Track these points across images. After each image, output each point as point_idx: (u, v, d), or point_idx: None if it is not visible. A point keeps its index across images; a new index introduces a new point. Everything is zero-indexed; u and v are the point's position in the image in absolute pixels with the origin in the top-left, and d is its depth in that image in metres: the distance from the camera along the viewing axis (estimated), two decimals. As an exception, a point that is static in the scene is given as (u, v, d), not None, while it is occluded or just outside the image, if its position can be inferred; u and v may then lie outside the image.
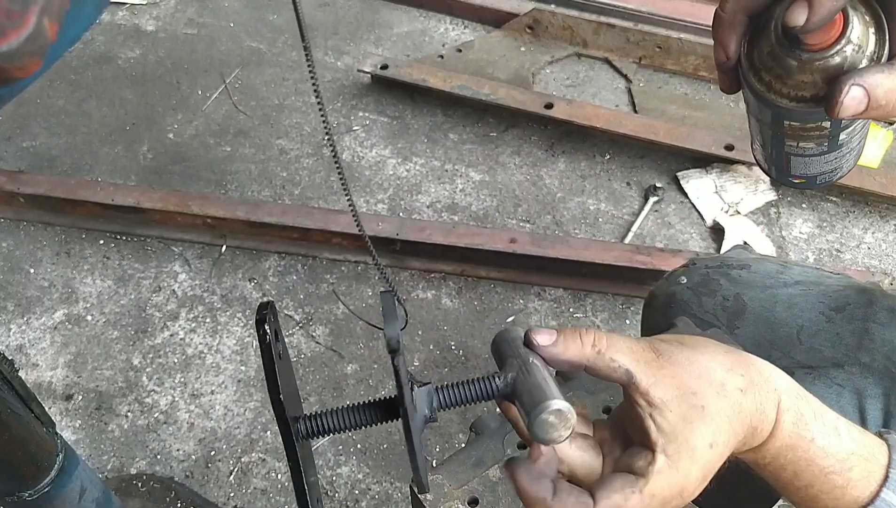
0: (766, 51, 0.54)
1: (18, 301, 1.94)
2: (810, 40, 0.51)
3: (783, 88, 0.54)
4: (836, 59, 0.52)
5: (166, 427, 1.73)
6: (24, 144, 2.27)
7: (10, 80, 0.23)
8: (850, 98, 0.51)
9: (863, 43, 0.52)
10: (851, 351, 0.96)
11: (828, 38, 0.51)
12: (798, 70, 0.53)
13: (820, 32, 0.51)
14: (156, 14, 2.67)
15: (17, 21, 0.23)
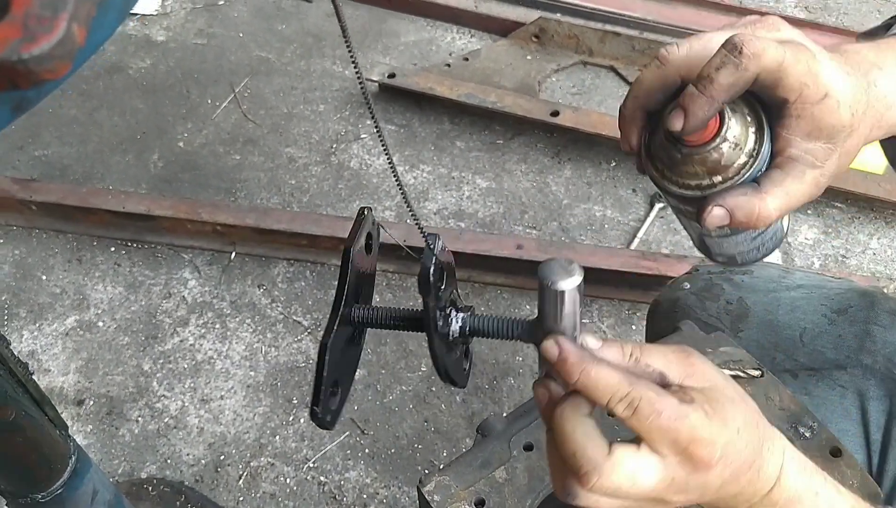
0: (658, 144, 0.60)
1: (31, 308, 1.96)
2: (689, 139, 0.57)
3: (673, 177, 0.60)
4: (714, 154, 0.58)
5: (176, 432, 1.75)
6: (36, 152, 2.30)
7: (40, 82, 0.25)
8: (712, 216, 0.59)
9: (740, 141, 0.58)
10: (853, 353, 0.97)
11: (704, 137, 0.57)
12: (682, 163, 0.59)
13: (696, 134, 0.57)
14: (166, 24, 2.70)
15: (48, 26, 0.24)
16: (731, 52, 0.56)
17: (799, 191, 0.60)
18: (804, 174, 0.59)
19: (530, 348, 1.88)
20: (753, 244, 0.69)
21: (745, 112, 0.59)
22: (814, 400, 0.96)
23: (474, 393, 1.80)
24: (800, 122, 0.58)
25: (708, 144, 0.57)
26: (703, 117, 0.56)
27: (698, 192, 0.59)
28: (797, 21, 2.54)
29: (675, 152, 0.59)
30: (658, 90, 0.61)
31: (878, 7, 2.79)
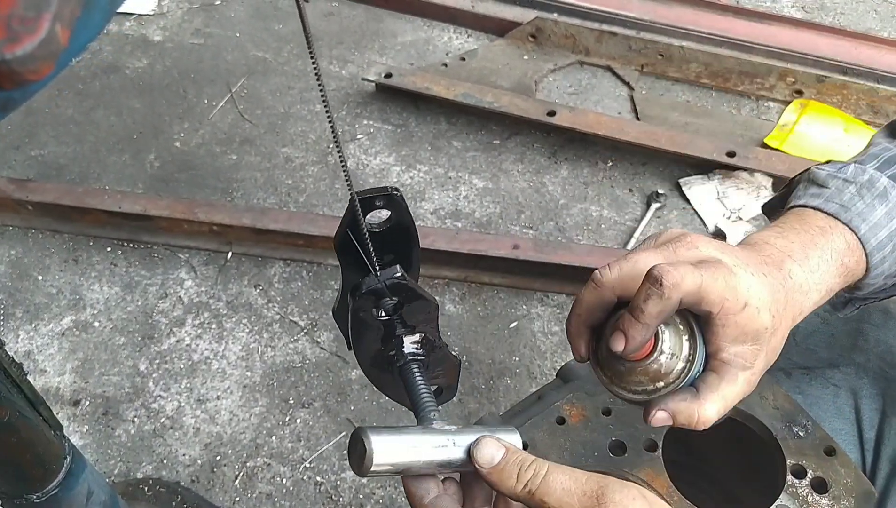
0: (604, 356, 0.68)
1: (27, 308, 1.96)
2: (629, 358, 0.65)
3: (620, 384, 0.67)
4: (654, 366, 0.65)
5: (172, 433, 1.75)
6: (32, 152, 2.30)
7: (24, 83, 0.25)
8: (656, 419, 0.65)
9: (676, 351, 0.65)
10: (846, 352, 0.98)
11: (642, 354, 0.65)
12: (627, 374, 0.66)
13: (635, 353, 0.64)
14: (163, 24, 2.70)
15: (31, 26, 0.24)
16: (653, 285, 0.62)
17: (733, 392, 0.66)
18: (737, 377, 0.66)
19: (527, 347, 1.88)
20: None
21: (678, 323, 0.66)
22: (807, 399, 0.97)
23: (471, 393, 1.80)
24: (726, 330, 0.64)
25: (647, 359, 0.65)
26: (640, 340, 0.63)
27: (644, 396, 0.66)
28: (794, 21, 2.54)
29: (620, 366, 0.66)
30: (597, 309, 0.68)
31: (875, 7, 2.79)
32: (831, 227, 0.74)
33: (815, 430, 0.87)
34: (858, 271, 0.75)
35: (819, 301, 0.73)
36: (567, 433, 0.88)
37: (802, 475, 0.84)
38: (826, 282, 0.72)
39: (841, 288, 0.75)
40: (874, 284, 0.78)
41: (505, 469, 0.59)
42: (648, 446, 0.87)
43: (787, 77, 2.40)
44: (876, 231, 0.74)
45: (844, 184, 0.76)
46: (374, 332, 0.69)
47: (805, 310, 0.71)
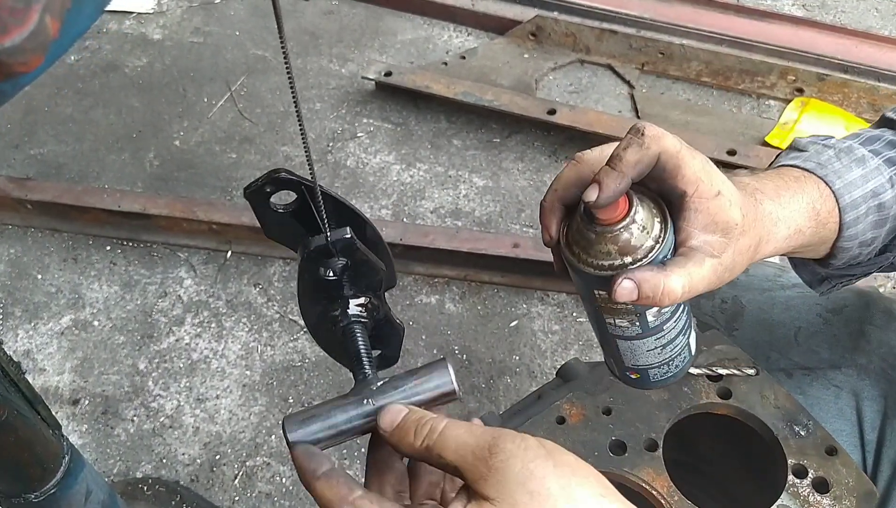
0: (575, 230, 0.67)
1: (26, 307, 1.95)
2: (602, 216, 0.63)
3: (587, 258, 0.66)
4: (624, 233, 0.64)
5: (172, 432, 1.74)
6: (31, 151, 2.29)
7: (13, 75, 0.24)
8: (622, 288, 0.63)
9: (648, 226, 0.64)
10: (848, 353, 0.97)
11: (615, 216, 0.63)
12: (596, 242, 0.65)
13: (609, 211, 0.63)
14: (162, 23, 2.69)
15: (20, 18, 0.24)
16: (634, 134, 0.63)
17: (699, 275, 0.65)
18: (704, 261, 0.65)
19: (527, 346, 1.88)
20: (661, 358, 0.73)
21: (652, 206, 0.66)
22: (808, 400, 0.96)
23: (471, 392, 1.80)
24: (698, 215, 0.65)
25: (619, 223, 0.64)
26: (614, 189, 0.61)
27: (611, 271, 0.65)
28: (795, 19, 2.54)
29: (590, 233, 0.65)
30: (574, 185, 0.67)
31: (875, 5, 2.78)
32: (805, 177, 0.75)
33: (816, 430, 0.86)
34: (831, 223, 0.75)
35: (788, 238, 0.73)
36: (567, 433, 0.88)
37: (804, 474, 0.83)
38: (795, 220, 0.73)
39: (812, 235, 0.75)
40: (848, 249, 0.77)
41: (404, 428, 0.60)
42: (649, 445, 0.86)
43: (788, 75, 2.39)
44: (850, 189, 0.75)
45: (823, 148, 0.78)
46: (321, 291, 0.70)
47: (772, 238, 0.71)
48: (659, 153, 0.63)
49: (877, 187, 0.76)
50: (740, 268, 0.69)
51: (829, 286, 0.87)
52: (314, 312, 0.72)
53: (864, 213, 0.76)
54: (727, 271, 0.67)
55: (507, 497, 0.52)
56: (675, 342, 0.73)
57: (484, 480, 0.53)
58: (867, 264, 0.83)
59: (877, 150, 0.79)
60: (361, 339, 0.71)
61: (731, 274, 0.68)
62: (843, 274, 0.85)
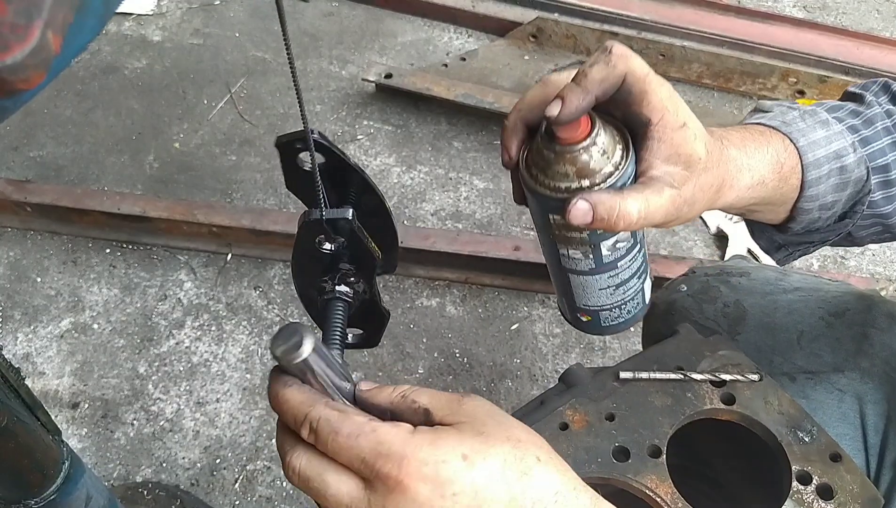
0: (534, 151, 0.65)
1: (25, 310, 1.95)
2: (562, 134, 0.62)
3: (545, 179, 0.64)
4: (584, 155, 0.62)
5: (172, 435, 1.74)
6: (31, 153, 2.29)
7: (14, 92, 0.24)
8: (576, 208, 0.62)
9: (608, 151, 0.63)
10: (851, 356, 0.97)
11: (576, 135, 0.62)
12: (555, 162, 0.63)
13: (570, 129, 0.61)
14: (162, 24, 2.69)
15: (22, 34, 0.23)
16: (602, 53, 0.62)
17: (657, 204, 0.64)
18: (663, 190, 0.64)
19: (528, 349, 1.87)
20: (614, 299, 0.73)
21: (615, 132, 0.65)
22: (811, 404, 0.96)
23: (471, 395, 1.79)
24: (661, 145, 0.64)
25: (579, 144, 0.62)
26: (577, 105, 0.60)
27: (567, 194, 0.63)
28: (796, 21, 2.54)
29: (550, 152, 0.63)
30: (538, 106, 0.66)
31: (877, 7, 2.78)
32: (771, 133, 0.75)
33: (820, 436, 0.86)
34: (793, 179, 0.75)
35: (751, 187, 0.72)
36: (570, 439, 0.87)
37: (808, 481, 0.83)
38: (759, 169, 0.72)
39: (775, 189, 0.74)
40: (809, 210, 0.77)
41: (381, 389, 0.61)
42: (652, 452, 0.86)
43: (789, 77, 2.39)
44: (814, 148, 0.75)
45: (788, 109, 0.79)
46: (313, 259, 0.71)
47: (735, 185, 0.70)
48: (625, 74, 0.62)
49: (840, 150, 0.76)
50: (700, 206, 0.68)
51: (787, 254, 0.87)
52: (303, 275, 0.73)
53: (826, 173, 0.75)
54: (686, 205, 0.66)
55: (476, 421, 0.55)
56: (628, 284, 0.72)
57: (454, 414, 0.56)
58: (826, 230, 0.82)
59: (840, 117, 0.80)
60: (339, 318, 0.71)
61: (689, 209, 0.67)
62: (801, 240, 0.84)
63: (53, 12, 0.24)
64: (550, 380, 1.81)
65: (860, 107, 0.81)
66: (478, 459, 0.53)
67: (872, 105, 0.81)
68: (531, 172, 0.66)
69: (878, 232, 0.84)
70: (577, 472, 0.59)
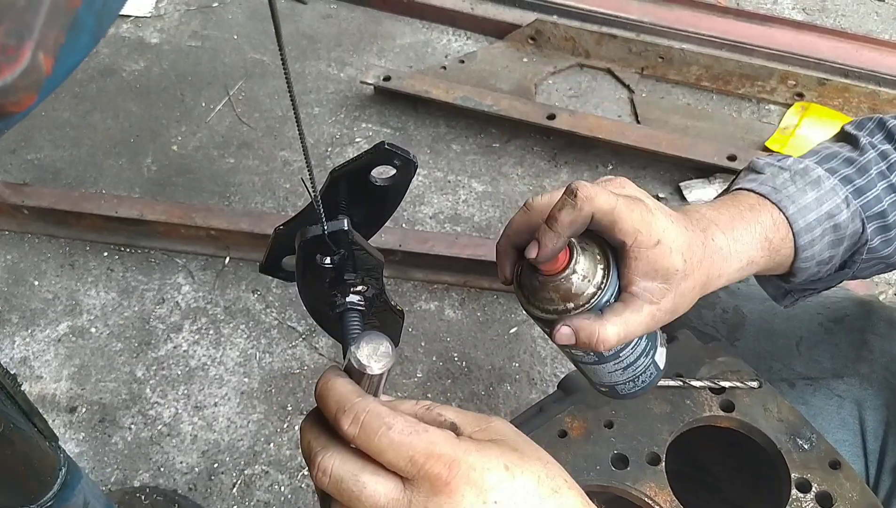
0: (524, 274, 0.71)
1: (23, 313, 1.94)
2: (543, 269, 0.67)
3: (535, 302, 0.70)
4: (566, 283, 0.67)
5: (169, 440, 1.74)
6: (28, 156, 2.28)
7: (5, 114, 0.24)
8: (560, 333, 0.67)
9: (589, 274, 0.68)
10: (851, 362, 0.97)
11: (555, 268, 0.67)
12: (541, 289, 0.69)
13: (549, 264, 0.67)
14: (160, 27, 2.69)
15: (13, 56, 0.23)
16: (569, 196, 0.65)
17: (635, 322, 0.68)
18: (642, 308, 0.68)
19: (526, 353, 1.87)
20: (625, 376, 0.77)
21: (596, 252, 0.69)
22: (811, 410, 0.96)
23: (470, 399, 1.79)
24: (637, 263, 0.67)
25: (559, 275, 0.67)
26: (552, 248, 0.65)
27: (554, 316, 0.68)
28: (795, 23, 2.53)
29: (535, 281, 0.69)
30: (525, 231, 0.70)
31: (876, 9, 2.78)
32: (760, 205, 0.78)
33: (819, 443, 0.86)
34: (785, 249, 0.77)
35: (741, 269, 0.75)
36: (569, 447, 0.87)
37: (807, 488, 0.83)
38: (748, 253, 0.75)
39: (766, 264, 0.77)
40: (807, 268, 0.79)
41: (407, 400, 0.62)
42: (651, 459, 0.85)
43: (788, 80, 2.39)
44: (805, 213, 0.77)
45: (780, 170, 0.80)
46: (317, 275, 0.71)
47: (724, 273, 0.74)
48: (592, 213, 0.65)
49: (832, 209, 0.78)
50: (685, 308, 0.72)
51: (794, 300, 0.90)
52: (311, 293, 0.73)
53: (819, 235, 0.78)
54: (667, 314, 0.70)
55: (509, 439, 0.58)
56: (636, 364, 0.76)
57: (484, 431, 0.58)
58: (827, 278, 0.85)
59: (833, 168, 0.81)
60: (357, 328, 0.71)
61: (672, 315, 0.71)
62: (805, 288, 0.87)
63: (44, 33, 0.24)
64: (549, 384, 1.81)
65: (854, 153, 0.83)
66: (517, 472, 0.55)
67: (866, 149, 0.82)
68: (524, 292, 0.71)
69: (880, 269, 0.87)
70: (576, 480, 0.59)
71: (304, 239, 0.68)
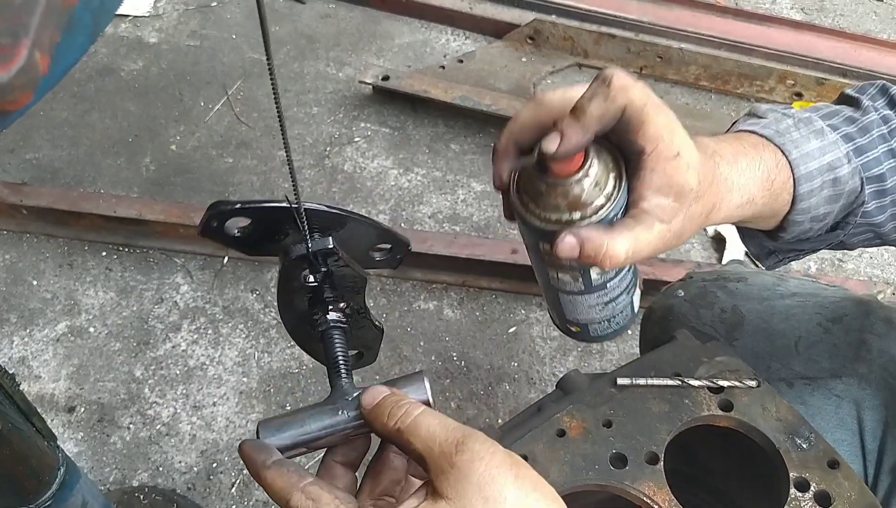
0: (526, 178, 0.64)
1: (21, 313, 1.94)
2: (556, 169, 0.60)
3: (535, 209, 0.63)
4: (576, 188, 0.61)
5: (168, 439, 1.73)
6: (27, 156, 2.28)
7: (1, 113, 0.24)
8: (564, 243, 0.61)
9: (601, 182, 0.62)
10: (849, 362, 0.97)
11: (569, 169, 0.61)
12: (547, 194, 0.62)
13: (563, 164, 0.60)
14: (158, 26, 2.68)
15: (8, 55, 0.23)
16: (601, 84, 0.60)
17: (645, 240, 0.63)
18: (653, 226, 0.63)
19: (525, 352, 1.87)
20: (603, 314, 0.73)
21: (609, 160, 0.63)
22: (809, 409, 0.96)
23: (469, 399, 1.79)
24: (653, 175, 0.62)
25: (572, 177, 0.61)
26: (575, 143, 0.59)
27: (557, 226, 0.62)
28: (794, 23, 2.53)
29: (542, 183, 0.62)
30: (531, 128, 0.64)
31: (874, 9, 2.78)
32: (764, 145, 0.73)
33: (818, 442, 0.86)
34: (784, 195, 0.73)
35: (740, 206, 0.71)
36: (567, 446, 0.87)
37: (805, 488, 0.83)
38: (749, 188, 0.71)
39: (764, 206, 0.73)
40: (800, 223, 0.76)
41: (381, 407, 0.60)
42: (650, 458, 0.85)
43: (787, 79, 2.39)
44: (807, 161, 0.73)
45: (783, 116, 0.77)
46: (301, 294, 0.70)
47: (723, 206, 0.69)
48: (624, 106, 0.60)
49: (833, 161, 0.74)
50: (688, 235, 0.67)
51: (777, 260, 0.86)
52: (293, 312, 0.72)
53: (818, 186, 0.74)
54: (675, 238, 0.65)
55: (462, 499, 0.52)
56: (617, 301, 0.72)
57: (444, 476, 0.53)
58: (816, 239, 0.81)
59: (835, 124, 0.78)
60: (340, 345, 0.71)
61: (678, 240, 0.66)
62: (791, 248, 0.83)
63: (40, 32, 0.24)
64: (548, 383, 1.81)
65: (856, 113, 0.80)
66: None
67: (869, 111, 0.79)
68: (522, 199, 0.65)
69: (869, 239, 0.84)
70: (574, 479, 0.58)
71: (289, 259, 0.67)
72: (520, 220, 0.65)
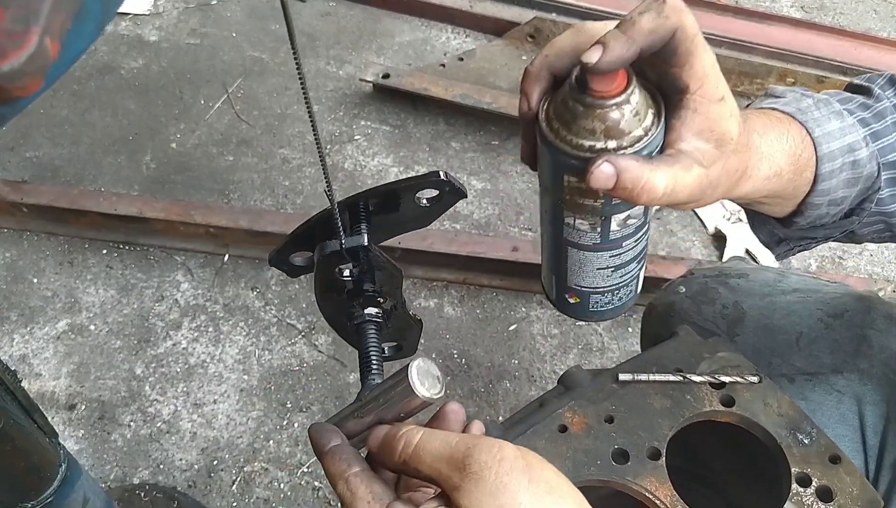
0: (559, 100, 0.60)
1: (22, 311, 1.94)
2: (596, 86, 0.56)
3: (567, 135, 0.59)
4: (615, 113, 0.57)
5: (169, 437, 1.74)
6: (27, 154, 2.28)
7: (11, 99, 0.24)
8: (599, 170, 0.56)
9: (641, 112, 0.58)
10: (850, 358, 0.97)
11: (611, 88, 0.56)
12: (582, 115, 0.58)
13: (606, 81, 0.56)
14: (159, 24, 2.68)
15: (19, 41, 0.23)
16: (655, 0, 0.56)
17: (684, 181, 0.59)
18: (692, 168, 0.59)
19: (526, 350, 1.87)
20: (610, 282, 0.69)
21: (648, 95, 0.59)
22: (811, 405, 0.96)
23: (470, 397, 1.79)
24: (695, 116, 0.59)
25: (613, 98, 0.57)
26: (620, 55, 0.55)
27: (590, 153, 0.58)
28: (794, 21, 2.53)
29: (578, 104, 0.58)
30: (568, 54, 0.60)
31: (874, 7, 2.78)
32: (789, 120, 0.72)
33: (819, 437, 0.86)
34: (807, 172, 0.71)
35: (768, 179, 0.68)
36: (569, 442, 0.87)
37: (807, 483, 0.83)
38: (777, 160, 0.69)
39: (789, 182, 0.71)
40: (818, 206, 0.74)
41: (385, 446, 0.60)
42: (652, 454, 0.85)
43: (787, 77, 2.39)
44: (829, 140, 0.71)
45: (802, 96, 0.75)
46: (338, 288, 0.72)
47: (753, 175, 0.67)
48: (676, 29, 0.56)
49: (853, 143, 0.73)
50: (721, 192, 0.64)
51: (787, 249, 0.85)
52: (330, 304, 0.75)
53: (839, 167, 0.73)
54: (710, 187, 0.61)
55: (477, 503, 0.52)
56: (627, 267, 0.69)
57: (458, 490, 0.53)
58: (830, 226, 0.80)
59: (851, 109, 0.77)
60: (373, 341, 0.72)
61: (712, 192, 0.62)
62: (803, 235, 0.82)
63: (51, 18, 0.24)
64: (548, 381, 1.81)
65: (869, 100, 0.79)
66: None
67: (881, 98, 0.79)
68: (552, 125, 0.60)
69: (879, 230, 0.83)
70: (576, 475, 0.58)
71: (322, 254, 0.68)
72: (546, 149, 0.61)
